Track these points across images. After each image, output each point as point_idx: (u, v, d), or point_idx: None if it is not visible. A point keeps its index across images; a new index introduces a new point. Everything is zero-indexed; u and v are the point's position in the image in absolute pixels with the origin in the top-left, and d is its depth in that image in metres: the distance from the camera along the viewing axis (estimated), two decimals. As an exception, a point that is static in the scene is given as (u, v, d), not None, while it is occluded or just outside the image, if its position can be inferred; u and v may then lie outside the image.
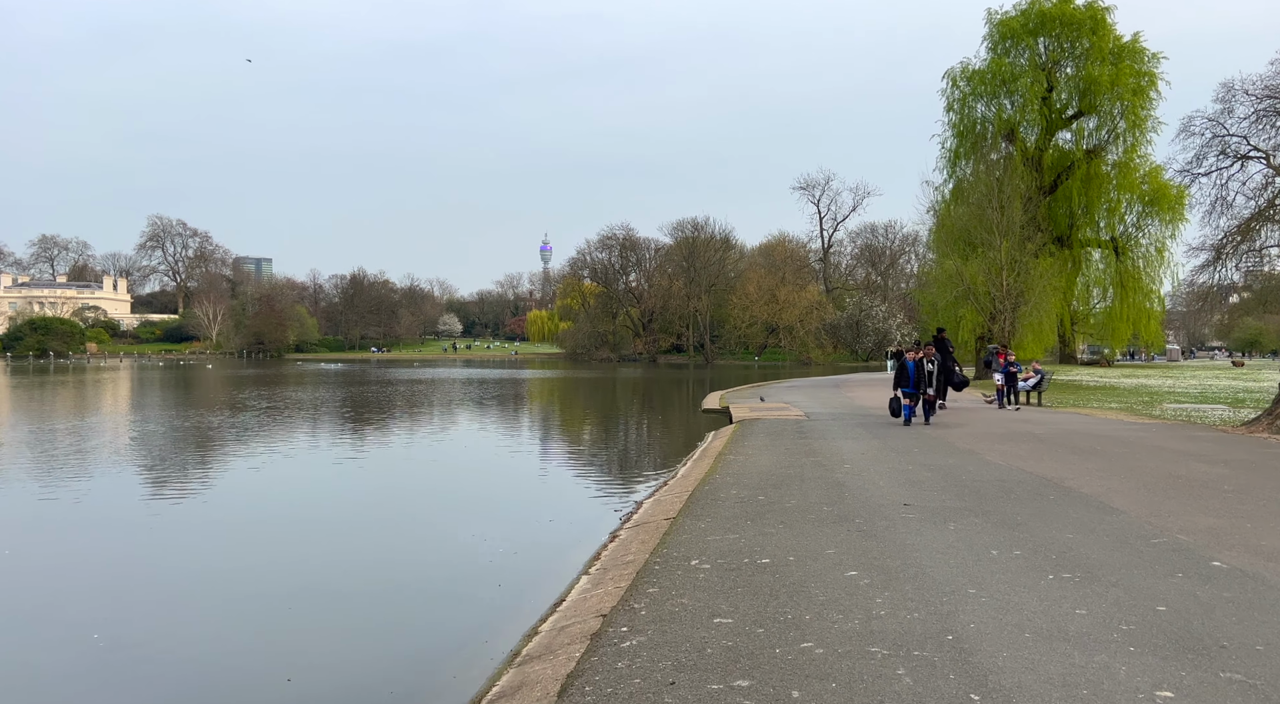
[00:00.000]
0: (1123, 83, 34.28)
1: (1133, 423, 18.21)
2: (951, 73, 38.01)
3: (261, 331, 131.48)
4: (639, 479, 13.48)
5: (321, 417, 24.98)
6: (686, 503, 9.44)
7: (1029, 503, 8.82)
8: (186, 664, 5.77)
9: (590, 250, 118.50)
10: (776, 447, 14.19)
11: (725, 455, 13.42)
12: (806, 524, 7.97)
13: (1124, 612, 5.15)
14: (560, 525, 9.80)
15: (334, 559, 8.59)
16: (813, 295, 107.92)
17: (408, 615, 6.76)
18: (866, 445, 14.14)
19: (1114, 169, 36.39)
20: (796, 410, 21.93)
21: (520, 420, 25.08)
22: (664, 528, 8.36)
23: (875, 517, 8.21)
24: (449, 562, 8.37)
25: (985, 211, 34.02)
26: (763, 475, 11.12)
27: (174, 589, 7.51)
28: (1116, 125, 36.05)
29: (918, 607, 5.31)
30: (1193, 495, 9.21)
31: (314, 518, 10.82)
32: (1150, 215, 36.86)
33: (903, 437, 15.43)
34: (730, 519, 8.33)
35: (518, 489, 13.02)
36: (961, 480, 10.36)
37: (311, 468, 15.17)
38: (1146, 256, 37.53)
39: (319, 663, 5.85)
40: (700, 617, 5.29)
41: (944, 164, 39.23)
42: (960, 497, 9.24)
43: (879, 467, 11.69)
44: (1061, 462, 11.94)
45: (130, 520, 10.45)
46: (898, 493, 9.52)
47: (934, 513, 8.33)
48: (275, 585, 7.62)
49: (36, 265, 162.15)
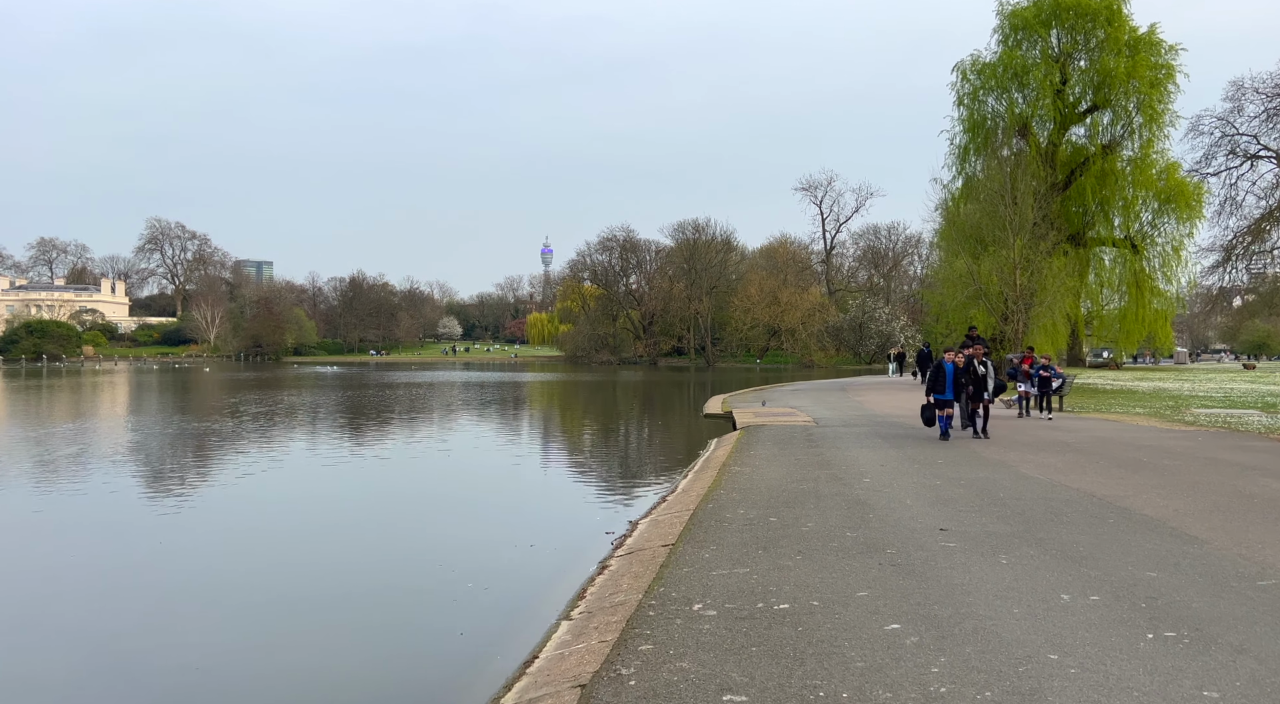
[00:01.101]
0: (1139, 75, 33.02)
1: (1170, 430, 16.95)
2: (961, 66, 36.80)
3: (259, 334, 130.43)
4: (635, 493, 12.25)
5: (296, 425, 23.76)
6: (688, 525, 8.22)
7: (1087, 528, 7.58)
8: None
9: (590, 252, 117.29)
10: (786, 457, 12.96)
11: (730, 466, 12.20)
12: (829, 555, 6.74)
13: (1270, 698, 3.90)
14: (543, 552, 8.55)
15: (262, 604, 7.35)
16: (815, 297, 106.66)
17: (343, 678, 5.49)
18: (884, 455, 12.91)
19: (1129, 165, 35.10)
20: (804, 416, 20.70)
21: (511, 427, 23.85)
22: (661, 557, 7.14)
23: (909, 545, 6.98)
24: (407, 599, 7.12)
25: (998, 208, 32.77)
26: (772, 491, 9.89)
27: (97, 607, 6.29)
28: (1132, 119, 34.79)
29: (988, 681, 4.08)
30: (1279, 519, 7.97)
31: (234, 560, 9.59)
32: (1167, 213, 35.59)
33: (923, 446, 14.19)
34: (738, 547, 7.10)
35: (499, 505, 11.77)
36: (1000, 499, 9.13)
37: (263, 486, 13.93)
38: (1163, 255, 36.27)
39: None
40: (706, 691, 4.06)
41: (953, 160, 38.07)
42: (1004, 519, 8.00)
43: (902, 481, 10.45)
44: (1108, 476, 10.70)
45: (78, 537, 9.24)
46: (930, 514, 8.29)
47: (978, 541, 7.10)
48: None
49: (35, 268, 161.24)
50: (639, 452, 17.87)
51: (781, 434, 16.33)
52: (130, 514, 10.85)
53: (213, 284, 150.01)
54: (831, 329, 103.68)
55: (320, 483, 13.45)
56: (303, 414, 26.22)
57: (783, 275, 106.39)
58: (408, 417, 25.85)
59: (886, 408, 22.97)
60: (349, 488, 13.05)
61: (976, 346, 15.74)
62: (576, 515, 10.71)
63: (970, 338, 17.74)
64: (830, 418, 19.90)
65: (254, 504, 11.64)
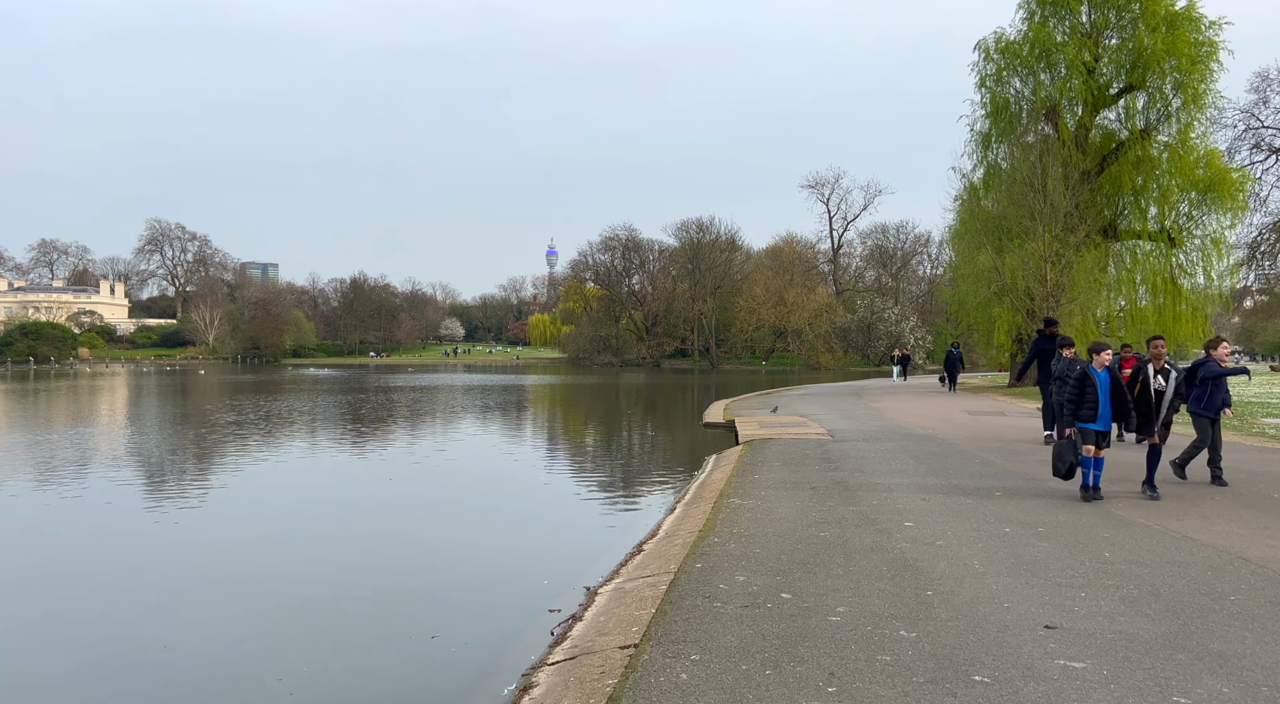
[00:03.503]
0: (1179, 52, 30.28)
1: (1259, 446, 14.23)
2: (983, 44, 34.00)
3: (257, 336, 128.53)
4: (609, 533, 9.64)
5: (227, 441, 21.26)
6: (662, 605, 5.65)
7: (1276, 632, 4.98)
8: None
9: (592, 252, 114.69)
10: (798, 484, 10.37)
11: (728, 497, 9.63)
12: (876, 678, 4.16)
13: None
14: (444, 648, 5.81)
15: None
16: (822, 298, 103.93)
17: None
18: (922, 483, 10.31)
19: (1165, 151, 32.33)
20: (817, 427, 18.07)
21: (480, 440, 21.23)
22: (617, 672, 4.57)
23: (1006, 664, 4.39)
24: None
25: (1027, 196, 30.08)
26: (784, 540, 7.32)
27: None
28: (1170, 102, 32.02)
29: None
30: None
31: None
32: (1206, 204, 32.82)
33: (964, 471, 11.57)
34: (734, 657, 4.54)
35: (424, 551, 9.10)
36: (1111, 564, 6.50)
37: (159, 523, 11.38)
38: (1202, 250, 33.49)
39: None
40: None
41: (974, 147, 35.26)
42: (1137, 608, 5.38)
43: (956, 526, 7.85)
44: (1243, 523, 8.08)
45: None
46: (1017, 592, 5.69)
47: (1117, 655, 4.49)
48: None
49: (36, 270, 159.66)
50: (625, 472, 15.26)
51: (791, 451, 13.73)
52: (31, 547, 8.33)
53: (213, 285, 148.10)
54: (839, 330, 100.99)
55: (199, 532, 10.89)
56: (253, 428, 23.72)
57: (789, 275, 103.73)
58: (373, 426, 23.29)
59: (909, 418, 20.33)
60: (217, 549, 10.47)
61: (1156, 343, 11.28)
62: (524, 569, 8.13)
63: (1049, 334, 13.52)
64: (847, 430, 17.27)
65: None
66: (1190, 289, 33.61)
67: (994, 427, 17.88)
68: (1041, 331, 14.58)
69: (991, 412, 22.41)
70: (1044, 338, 14.23)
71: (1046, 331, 14.33)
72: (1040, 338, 14.48)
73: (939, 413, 21.89)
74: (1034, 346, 14.42)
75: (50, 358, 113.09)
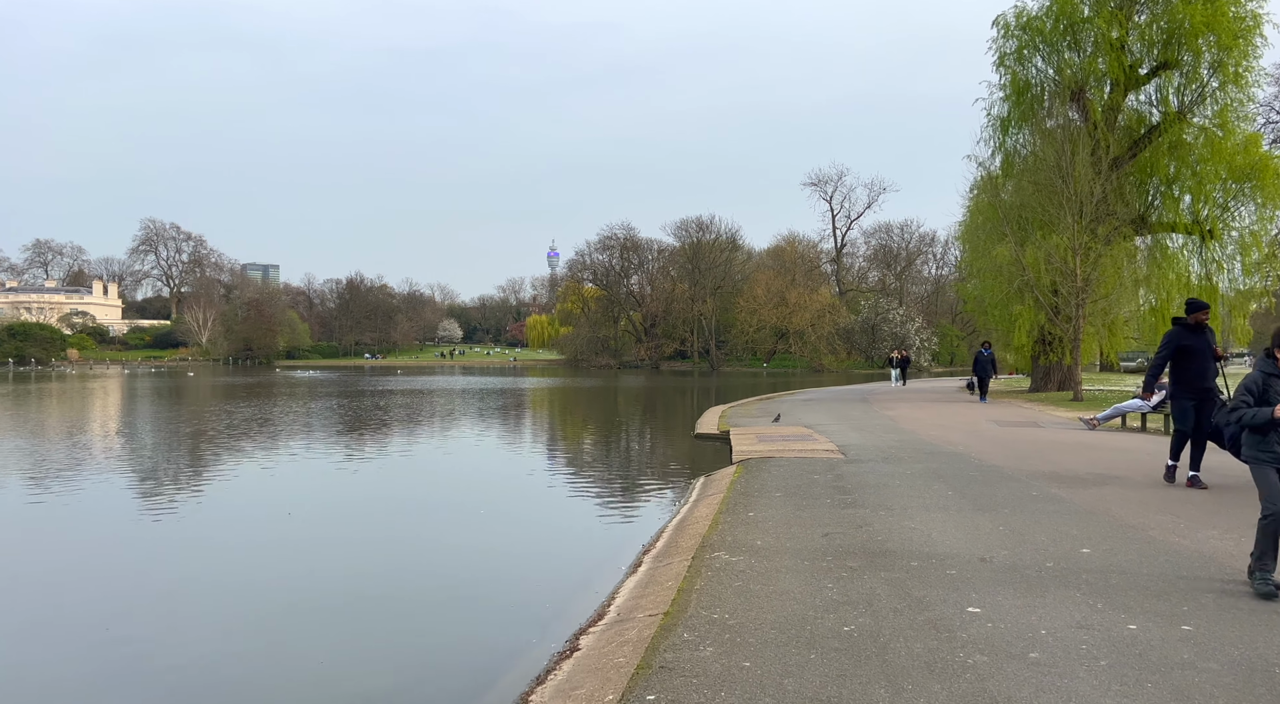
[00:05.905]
0: (1219, 26, 27.68)
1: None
2: (1003, 20, 31.30)
3: (250, 338, 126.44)
4: (520, 630, 7.08)
5: (178, 455, 18.73)
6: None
7: None
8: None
9: (590, 252, 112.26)
10: (807, 531, 7.75)
11: (712, 550, 7.05)
12: None
13: None
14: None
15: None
16: (825, 298, 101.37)
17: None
18: (974, 527, 7.69)
19: (1201, 135, 29.69)
20: (825, 441, 15.44)
21: (440, 464, 18.67)
22: None
23: None
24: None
25: (1053, 183, 27.42)
26: (787, 644, 4.68)
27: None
28: (1206, 82, 29.41)
29: None
30: None
31: None
32: (1246, 195, 30.20)
33: (1027, 509, 8.97)
34: None
35: (322, 635, 6.62)
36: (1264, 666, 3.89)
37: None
38: (1240, 244, 30.84)
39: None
40: None
41: (991, 133, 32.61)
42: None
43: (1053, 619, 5.21)
44: None
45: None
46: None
47: None
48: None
49: (30, 270, 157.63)
50: (586, 507, 12.63)
51: (796, 476, 11.11)
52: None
53: (208, 286, 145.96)
54: (842, 331, 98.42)
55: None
56: (207, 441, 21.19)
57: (791, 275, 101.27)
58: (342, 438, 20.74)
59: (931, 430, 17.69)
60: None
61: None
62: (440, 668, 5.54)
63: (1194, 324, 9.75)
64: (862, 446, 14.63)
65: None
66: (1229, 287, 30.96)
67: (1036, 442, 15.25)
68: (1182, 320, 10.03)
69: (1023, 422, 19.79)
70: (1186, 329, 9.93)
71: (1190, 320, 9.94)
72: (1180, 329, 9.94)
73: (963, 423, 19.28)
74: (1169, 343, 9.98)
75: (33, 360, 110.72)
